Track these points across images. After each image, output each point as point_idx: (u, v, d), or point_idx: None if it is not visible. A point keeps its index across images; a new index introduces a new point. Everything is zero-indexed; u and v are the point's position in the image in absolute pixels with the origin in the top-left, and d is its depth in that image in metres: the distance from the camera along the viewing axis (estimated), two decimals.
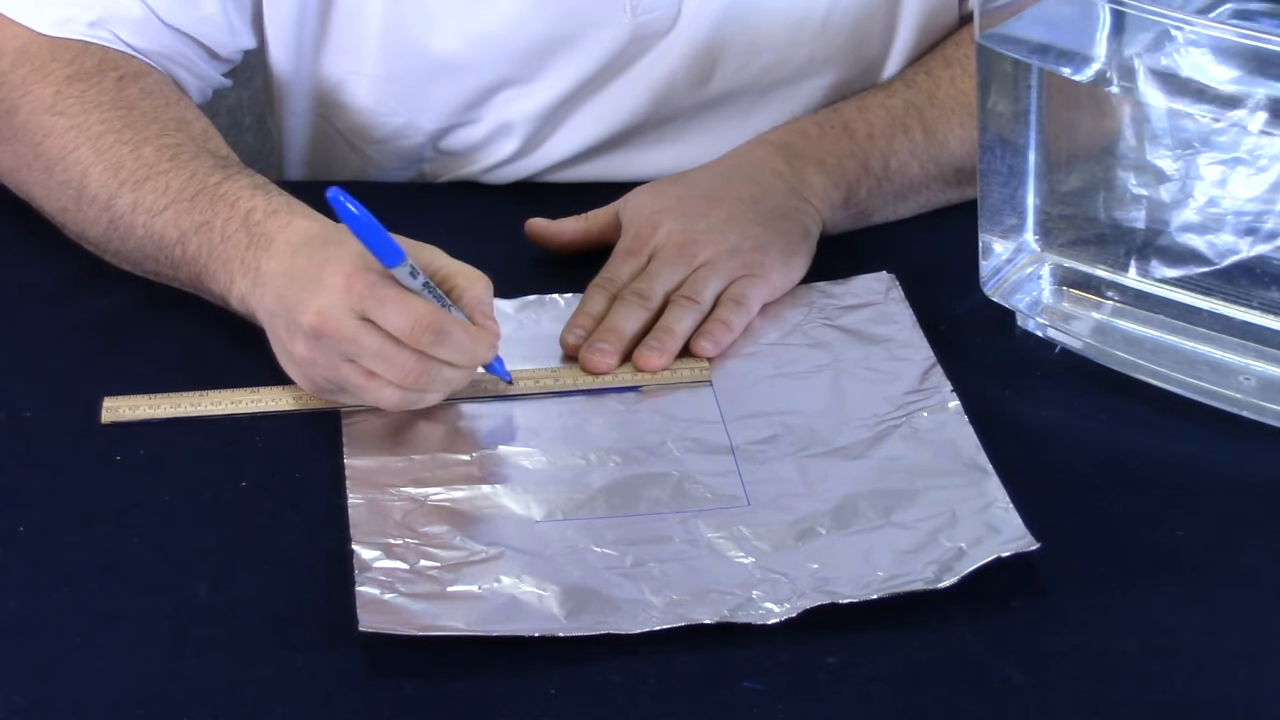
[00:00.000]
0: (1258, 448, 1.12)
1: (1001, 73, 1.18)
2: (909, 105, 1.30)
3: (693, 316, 1.18)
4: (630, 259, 1.22)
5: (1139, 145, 1.15)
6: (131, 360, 1.19)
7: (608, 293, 1.20)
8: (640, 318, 1.19)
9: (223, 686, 0.95)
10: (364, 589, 0.99)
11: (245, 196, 1.17)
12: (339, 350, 1.08)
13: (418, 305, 1.07)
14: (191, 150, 1.22)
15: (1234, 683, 0.97)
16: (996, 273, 1.23)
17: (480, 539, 1.03)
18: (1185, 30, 1.12)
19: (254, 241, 1.15)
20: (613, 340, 1.17)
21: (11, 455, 1.11)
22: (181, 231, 1.18)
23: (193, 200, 1.18)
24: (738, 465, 1.09)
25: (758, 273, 1.21)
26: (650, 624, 0.98)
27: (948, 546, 1.02)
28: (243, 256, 1.15)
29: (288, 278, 1.11)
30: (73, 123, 1.23)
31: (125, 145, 1.22)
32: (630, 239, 1.23)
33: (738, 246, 1.21)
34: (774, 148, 1.28)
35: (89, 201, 1.22)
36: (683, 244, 1.21)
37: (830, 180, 1.27)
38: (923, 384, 1.15)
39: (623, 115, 1.37)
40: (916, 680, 0.96)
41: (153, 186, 1.20)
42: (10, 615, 1.00)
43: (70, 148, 1.23)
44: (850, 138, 1.28)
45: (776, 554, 1.02)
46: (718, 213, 1.23)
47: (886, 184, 1.28)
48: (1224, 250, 1.14)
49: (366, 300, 1.07)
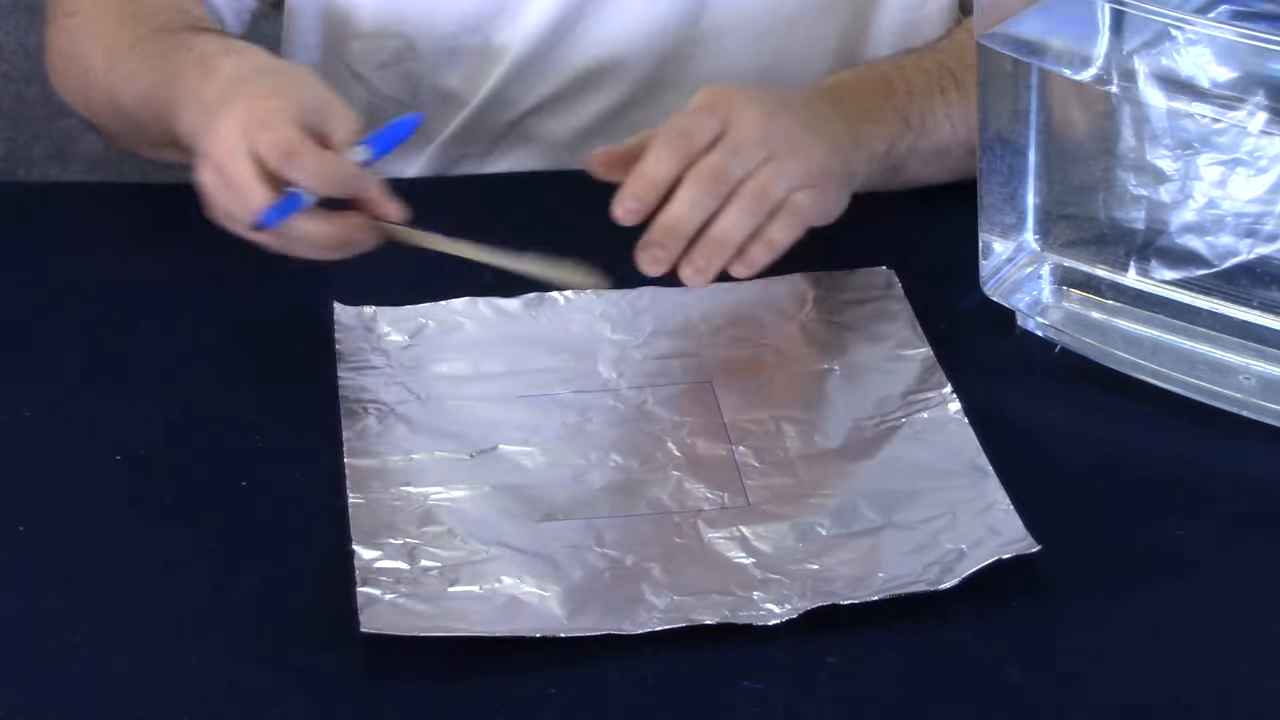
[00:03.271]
0: (1258, 448, 1.12)
1: (1001, 73, 1.18)
2: (943, 68, 1.29)
3: (753, 223, 1.14)
4: (707, 117, 1.16)
5: (1139, 145, 1.15)
6: (132, 360, 1.19)
7: (680, 153, 1.14)
8: (709, 209, 1.13)
9: (223, 686, 0.96)
10: (365, 590, 0.99)
11: (207, 40, 1.22)
12: (223, 173, 1.11)
13: (283, 129, 1.10)
14: (181, 22, 1.27)
15: (1234, 683, 0.97)
16: (996, 273, 1.23)
17: (481, 539, 1.03)
18: (1185, 30, 1.12)
19: (204, 74, 1.18)
20: (673, 243, 1.12)
21: (11, 455, 1.11)
22: (154, 83, 1.22)
23: (164, 54, 1.23)
24: (738, 465, 1.09)
25: (820, 185, 1.17)
26: (652, 624, 0.98)
27: (948, 548, 1.02)
28: (194, 87, 1.18)
29: (217, 102, 1.14)
30: (83, 19, 1.32)
31: (123, 30, 1.28)
32: (710, 96, 1.17)
33: (808, 151, 1.17)
34: (824, 93, 1.26)
35: (95, 86, 1.30)
36: (763, 122, 1.16)
37: (876, 130, 1.25)
38: (923, 384, 1.15)
39: (613, 47, 1.38)
40: (916, 680, 0.96)
41: (137, 53, 1.25)
42: (10, 615, 1.00)
43: (81, 41, 1.31)
44: (892, 92, 1.27)
45: (777, 555, 1.02)
46: (792, 114, 1.19)
47: (923, 140, 1.27)
48: (1224, 252, 1.14)
49: (252, 126, 1.10)
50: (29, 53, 2.70)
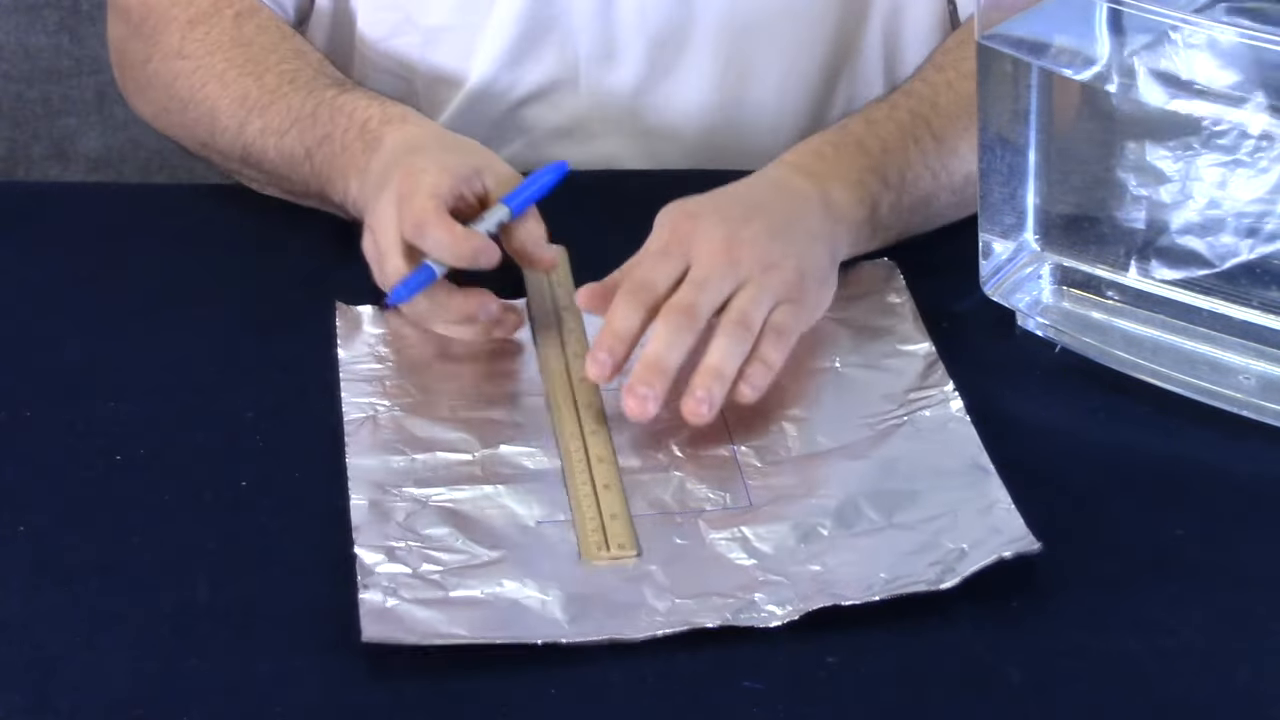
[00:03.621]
0: (1258, 448, 1.12)
1: (1001, 73, 1.18)
2: (915, 115, 1.26)
3: (743, 349, 1.10)
4: (665, 261, 1.13)
5: (1139, 145, 1.15)
6: (132, 360, 1.19)
7: (643, 304, 1.11)
8: (687, 344, 1.09)
9: (222, 686, 0.95)
10: (367, 595, 0.99)
11: (362, 106, 1.24)
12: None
13: (419, 202, 1.13)
14: (309, 74, 1.29)
15: (1234, 683, 0.97)
16: (996, 272, 1.23)
17: (483, 542, 1.03)
18: (1185, 30, 1.12)
19: (368, 146, 1.21)
20: (658, 381, 1.08)
21: (11, 455, 1.11)
22: (307, 147, 1.25)
23: (313, 115, 1.26)
24: (739, 465, 1.09)
25: (798, 299, 1.14)
26: (654, 629, 0.97)
27: (950, 547, 1.02)
28: (357, 161, 1.21)
29: (377, 177, 1.17)
30: (198, 64, 1.33)
31: (248, 77, 1.30)
32: (665, 236, 1.14)
33: (780, 264, 1.13)
34: (794, 169, 1.22)
35: (221, 132, 1.30)
36: (728, 249, 1.12)
37: (855, 198, 1.22)
38: (925, 381, 1.14)
39: (606, 29, 1.38)
40: (916, 680, 0.96)
41: (277, 110, 1.28)
42: (10, 615, 1.00)
43: (198, 86, 1.32)
44: (865, 154, 1.24)
45: (778, 556, 1.02)
46: (758, 223, 1.15)
47: (904, 196, 1.24)
48: (1224, 252, 1.14)
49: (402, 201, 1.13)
50: (29, 53, 2.70)
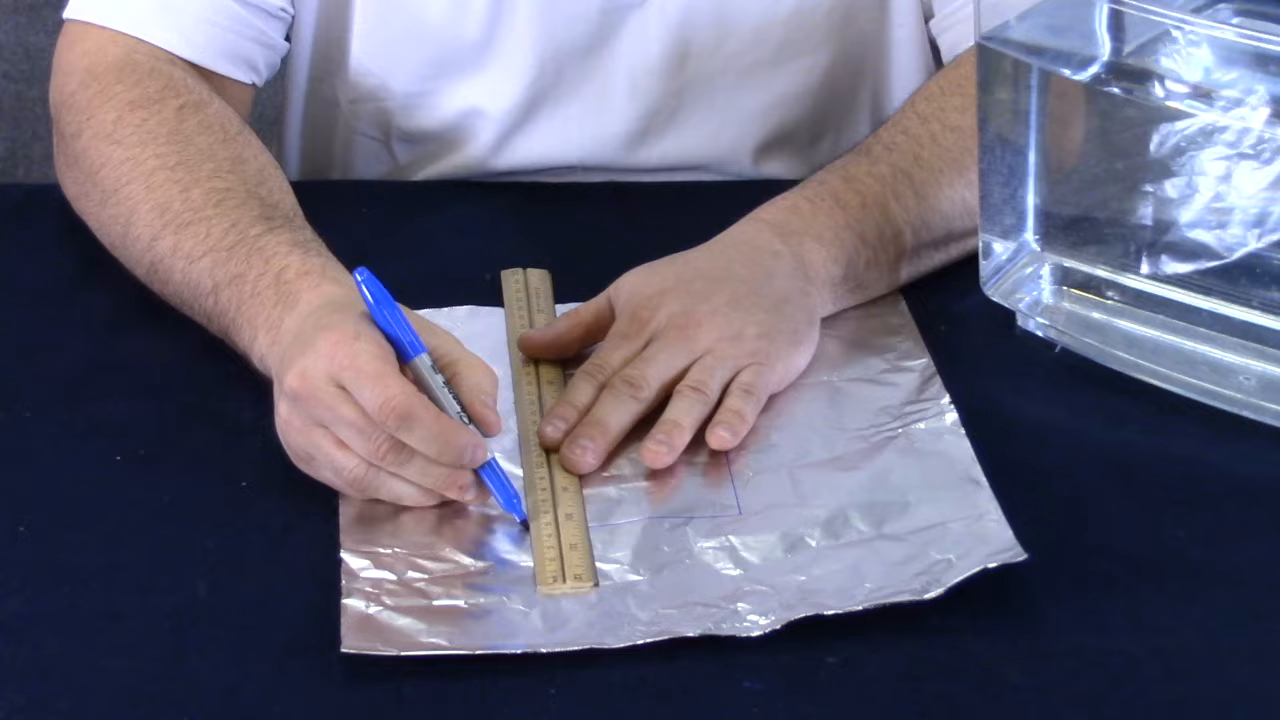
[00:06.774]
0: (1258, 448, 1.12)
1: (1001, 73, 1.18)
2: (896, 170, 1.24)
3: (700, 408, 1.10)
4: (624, 344, 1.14)
5: (1139, 145, 1.15)
6: (132, 360, 1.19)
7: (596, 381, 1.12)
8: (630, 410, 1.10)
9: (222, 687, 0.96)
10: (349, 601, 0.99)
11: (281, 253, 1.14)
12: (313, 414, 1.04)
13: (393, 385, 1.01)
14: (240, 195, 1.19)
15: (1234, 683, 0.97)
16: (996, 273, 1.23)
17: (468, 551, 1.03)
18: (1185, 30, 1.12)
19: (281, 299, 1.12)
20: (597, 436, 1.09)
21: (11, 455, 1.11)
22: (215, 282, 1.16)
23: (230, 251, 1.16)
24: (731, 473, 1.09)
25: (764, 361, 1.13)
26: (634, 638, 0.97)
27: (936, 558, 1.01)
28: (268, 314, 1.12)
29: (293, 338, 1.08)
30: (128, 154, 1.23)
31: (175, 185, 1.20)
32: (626, 322, 1.15)
33: (742, 333, 1.13)
34: (767, 226, 1.21)
35: (134, 240, 1.21)
36: (684, 327, 1.13)
37: (830, 255, 1.20)
38: (921, 394, 1.14)
39: (599, 102, 1.37)
40: (916, 680, 0.96)
41: (194, 232, 1.18)
42: (10, 615, 1.00)
43: (123, 181, 1.22)
44: (843, 210, 1.22)
45: (764, 565, 1.02)
46: (720, 295, 1.14)
47: (881, 253, 1.22)
48: (1223, 252, 1.14)
49: (346, 370, 1.02)
50: (29, 53, 2.70)
